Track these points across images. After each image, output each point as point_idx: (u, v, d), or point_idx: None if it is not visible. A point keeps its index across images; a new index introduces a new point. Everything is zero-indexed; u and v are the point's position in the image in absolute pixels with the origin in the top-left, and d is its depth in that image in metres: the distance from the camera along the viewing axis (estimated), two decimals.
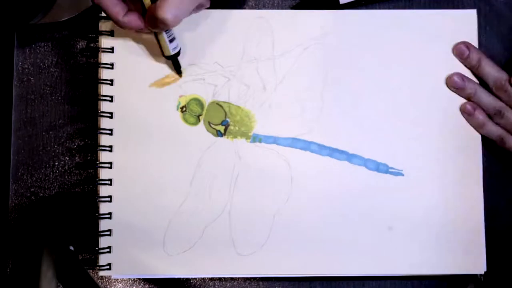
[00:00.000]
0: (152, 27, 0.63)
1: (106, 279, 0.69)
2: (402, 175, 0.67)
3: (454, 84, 0.67)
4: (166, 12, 0.60)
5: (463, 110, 0.67)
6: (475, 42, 0.68)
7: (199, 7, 0.65)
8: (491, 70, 0.67)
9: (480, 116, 0.67)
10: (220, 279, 0.69)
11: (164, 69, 0.68)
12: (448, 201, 0.67)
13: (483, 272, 0.67)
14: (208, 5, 0.66)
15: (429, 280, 0.69)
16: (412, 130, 0.68)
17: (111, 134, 0.68)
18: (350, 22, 0.68)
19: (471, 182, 0.68)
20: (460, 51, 0.67)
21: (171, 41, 0.65)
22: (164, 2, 0.60)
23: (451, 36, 0.68)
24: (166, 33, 0.64)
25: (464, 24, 0.69)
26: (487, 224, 0.68)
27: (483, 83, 0.68)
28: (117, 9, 0.62)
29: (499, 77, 0.66)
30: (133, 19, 0.63)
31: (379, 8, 0.70)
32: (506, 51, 0.71)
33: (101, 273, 0.67)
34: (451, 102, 0.68)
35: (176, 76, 0.68)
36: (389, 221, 0.67)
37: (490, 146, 0.69)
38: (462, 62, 0.68)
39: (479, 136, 0.68)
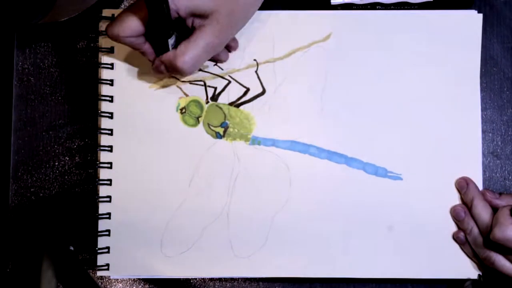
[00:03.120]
0: (161, 70, 0.64)
1: (106, 279, 0.70)
2: (401, 179, 0.67)
3: (454, 213, 0.67)
4: (185, 63, 0.61)
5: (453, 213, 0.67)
6: (478, 46, 0.68)
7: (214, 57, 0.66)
8: (482, 213, 0.65)
9: (468, 222, 0.66)
10: (220, 279, 0.70)
11: None
12: (446, 205, 0.67)
13: (480, 273, 0.67)
14: (226, 58, 0.68)
15: (429, 283, 0.69)
16: (411, 134, 0.68)
17: (111, 134, 0.68)
18: (351, 24, 0.68)
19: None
20: (460, 186, 0.67)
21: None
22: (183, 51, 0.61)
23: (454, 37, 0.68)
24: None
25: (468, 27, 0.68)
26: None
27: None
28: (148, 51, 0.64)
29: (487, 224, 0.65)
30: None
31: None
32: (506, 51, 0.71)
33: (100, 273, 0.67)
34: (451, 106, 0.68)
35: (176, 77, 0.68)
36: (388, 224, 0.67)
37: (492, 146, 0.69)
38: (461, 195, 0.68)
39: (479, 138, 0.68)
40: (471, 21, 0.68)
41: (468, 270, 0.67)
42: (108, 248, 0.67)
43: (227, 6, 0.61)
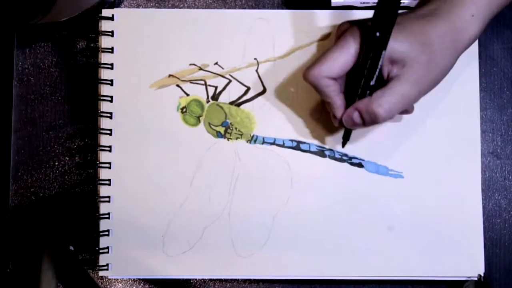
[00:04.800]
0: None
1: (106, 279, 0.69)
2: (402, 177, 0.67)
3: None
4: (381, 107, 0.58)
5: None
6: (475, 44, 0.68)
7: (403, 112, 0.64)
8: None
9: None
10: (220, 279, 0.70)
11: (164, 70, 0.68)
12: (447, 203, 0.67)
13: (481, 273, 0.67)
14: (412, 110, 0.65)
15: (429, 283, 0.69)
16: (412, 132, 0.68)
17: (110, 134, 0.68)
18: None
19: (470, 184, 0.68)
20: None
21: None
22: (380, 96, 0.59)
23: None
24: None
25: None
26: (486, 225, 0.68)
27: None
28: (332, 89, 0.61)
29: None
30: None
31: None
32: (506, 51, 0.71)
33: (100, 273, 0.67)
34: (450, 103, 0.68)
35: (176, 77, 0.68)
36: (389, 223, 0.67)
37: (492, 146, 0.69)
38: None
39: (479, 138, 0.68)
40: None
41: (468, 270, 0.67)
42: (108, 248, 0.67)
43: (425, 56, 0.59)
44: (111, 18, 0.68)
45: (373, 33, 0.56)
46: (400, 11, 0.57)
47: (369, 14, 0.68)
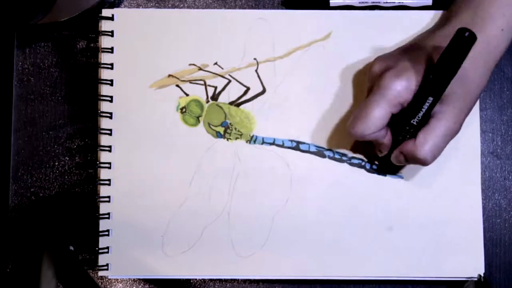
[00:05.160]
0: (400, 160, 0.63)
1: (106, 279, 0.69)
2: (402, 177, 0.67)
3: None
4: (426, 153, 0.59)
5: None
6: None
7: None
8: None
9: None
10: (220, 280, 0.70)
11: (164, 70, 0.68)
12: (447, 203, 0.67)
13: (481, 273, 0.67)
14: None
15: (429, 283, 0.69)
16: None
17: (110, 134, 0.68)
18: (351, 23, 0.68)
19: (469, 184, 0.68)
20: None
21: None
22: (424, 142, 0.59)
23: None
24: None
25: None
26: (486, 225, 0.68)
27: None
28: (386, 143, 0.63)
29: None
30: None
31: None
32: (506, 51, 0.70)
33: (100, 273, 0.67)
34: None
35: (176, 77, 0.68)
36: (389, 224, 0.67)
37: (492, 146, 0.69)
38: None
39: (478, 138, 0.68)
40: None
41: (468, 270, 0.67)
42: (108, 248, 0.67)
43: (461, 87, 0.59)
44: (111, 18, 0.68)
45: (427, 76, 0.56)
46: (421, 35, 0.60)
47: (369, 14, 0.68)
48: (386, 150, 0.63)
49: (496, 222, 0.69)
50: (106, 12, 0.68)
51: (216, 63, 0.68)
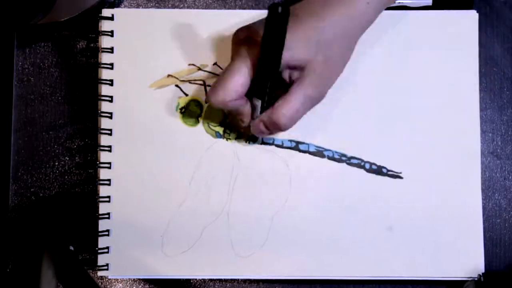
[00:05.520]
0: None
1: (106, 279, 0.69)
2: (401, 177, 0.67)
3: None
4: (283, 117, 0.59)
5: None
6: (475, 44, 0.68)
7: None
8: None
9: None
10: (220, 280, 0.70)
11: (163, 70, 0.68)
12: (447, 203, 0.67)
13: (480, 273, 0.67)
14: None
15: (429, 283, 0.69)
16: (411, 133, 0.68)
17: (111, 134, 0.68)
18: None
19: (469, 184, 0.68)
20: None
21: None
22: (281, 106, 0.59)
23: (452, 37, 0.68)
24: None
25: (465, 26, 0.69)
26: (486, 225, 0.68)
27: None
28: (246, 112, 0.62)
29: None
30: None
31: None
32: (506, 51, 0.71)
33: (100, 273, 0.67)
34: (450, 103, 0.68)
35: (175, 77, 0.68)
36: (388, 224, 0.67)
37: (492, 146, 0.69)
38: None
39: (478, 138, 0.68)
40: (467, 20, 0.69)
41: (468, 270, 0.67)
42: (108, 248, 0.67)
43: (322, 54, 0.58)
44: (111, 18, 0.68)
45: (263, 45, 0.55)
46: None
47: None
48: (248, 119, 0.63)
49: (496, 222, 0.69)
50: (106, 12, 0.68)
51: (215, 63, 0.68)
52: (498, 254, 0.69)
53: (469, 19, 0.69)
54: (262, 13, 0.68)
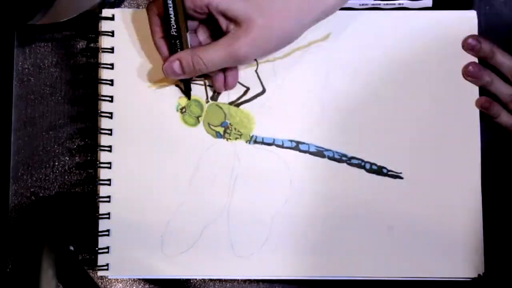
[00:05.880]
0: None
1: (106, 279, 0.69)
2: (401, 177, 0.67)
3: (470, 73, 0.66)
4: (201, 59, 0.60)
5: (480, 106, 0.67)
6: None
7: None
8: (505, 59, 0.67)
9: (495, 107, 0.67)
10: (220, 280, 0.70)
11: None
12: (447, 203, 0.67)
13: (480, 273, 0.67)
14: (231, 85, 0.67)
15: (429, 283, 0.69)
16: (411, 133, 0.68)
17: (111, 134, 0.68)
18: (351, 24, 0.68)
19: (470, 184, 0.68)
20: (471, 45, 0.67)
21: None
22: (203, 49, 0.60)
23: (451, 37, 0.68)
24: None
25: (464, 25, 0.69)
26: (485, 225, 0.68)
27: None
28: (156, 29, 0.63)
29: None
30: (163, 46, 0.64)
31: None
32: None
33: (100, 273, 0.67)
34: (450, 104, 0.68)
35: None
36: (388, 224, 0.67)
37: (489, 146, 0.69)
38: (474, 55, 0.67)
39: (478, 138, 0.68)
40: (466, 20, 0.69)
41: (468, 270, 0.67)
42: (108, 248, 0.67)
43: (263, 17, 0.57)
44: (111, 18, 0.68)
45: None
46: None
47: (369, 15, 0.68)
48: (164, 55, 0.64)
49: (495, 222, 0.69)
50: (106, 12, 0.68)
51: None
52: (497, 254, 0.69)
53: (469, 19, 0.68)
54: None
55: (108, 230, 0.67)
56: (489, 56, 0.66)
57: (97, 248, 0.67)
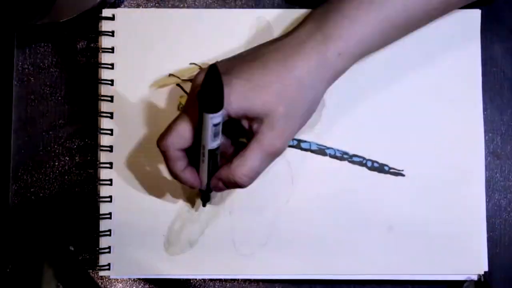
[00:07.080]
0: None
1: (106, 279, 0.69)
2: (403, 175, 0.67)
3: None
4: (243, 176, 0.57)
5: None
6: (477, 42, 0.68)
7: None
8: None
9: None
10: (220, 280, 0.69)
11: (164, 69, 0.68)
12: (449, 201, 0.67)
13: (483, 272, 0.67)
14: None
15: (429, 283, 0.69)
16: (413, 130, 0.68)
17: (111, 134, 0.68)
18: None
19: (473, 182, 0.68)
20: None
21: (215, 135, 0.56)
22: (240, 163, 0.57)
23: (454, 36, 0.68)
24: (215, 126, 0.55)
25: (467, 24, 0.69)
26: (486, 225, 0.68)
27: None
28: (180, 163, 0.59)
29: None
30: (192, 176, 0.60)
31: None
32: (506, 51, 0.71)
33: (101, 273, 0.67)
34: (453, 102, 0.68)
35: (177, 76, 0.68)
36: (390, 222, 0.67)
37: (492, 146, 0.69)
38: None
39: (482, 136, 0.68)
40: (469, 18, 0.69)
41: (470, 270, 0.67)
42: (109, 248, 0.67)
43: (282, 107, 0.56)
44: (112, 18, 0.68)
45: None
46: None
47: None
48: (196, 182, 0.60)
49: (496, 222, 0.69)
50: (106, 12, 0.68)
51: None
52: (498, 254, 0.69)
53: (472, 17, 0.69)
54: (262, 12, 0.69)
55: (109, 230, 0.67)
56: None
57: (98, 248, 0.67)
